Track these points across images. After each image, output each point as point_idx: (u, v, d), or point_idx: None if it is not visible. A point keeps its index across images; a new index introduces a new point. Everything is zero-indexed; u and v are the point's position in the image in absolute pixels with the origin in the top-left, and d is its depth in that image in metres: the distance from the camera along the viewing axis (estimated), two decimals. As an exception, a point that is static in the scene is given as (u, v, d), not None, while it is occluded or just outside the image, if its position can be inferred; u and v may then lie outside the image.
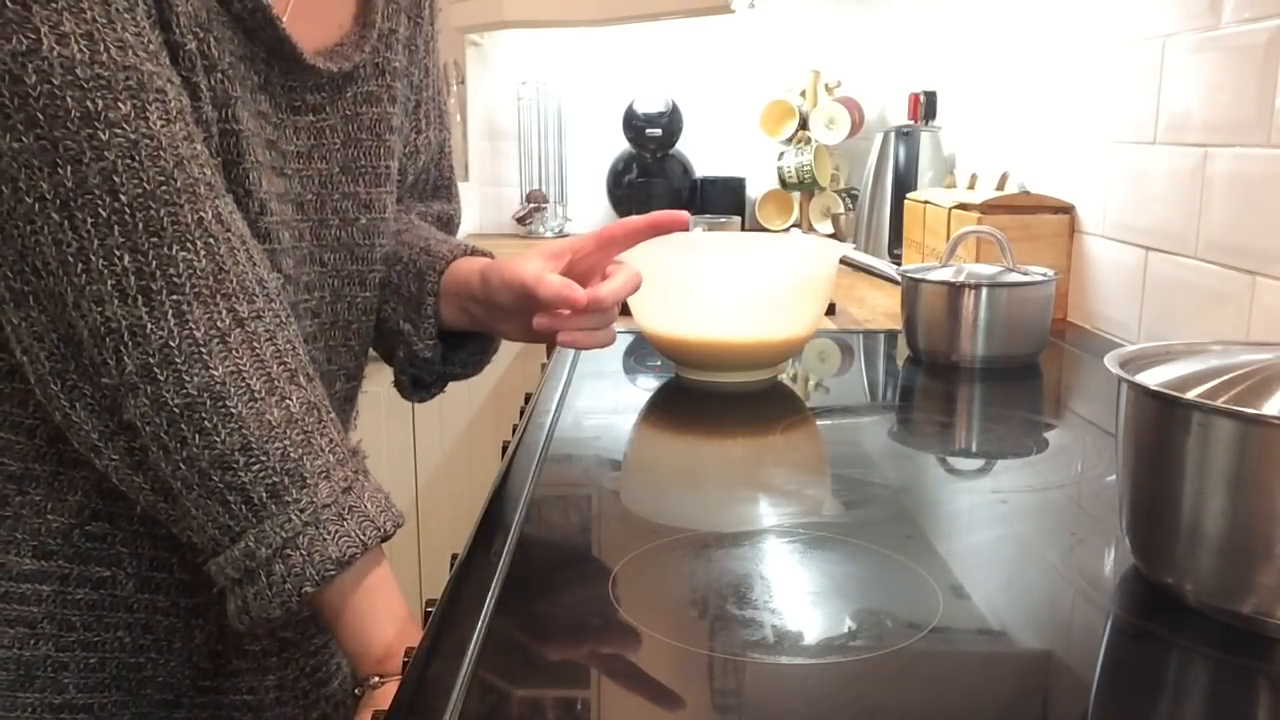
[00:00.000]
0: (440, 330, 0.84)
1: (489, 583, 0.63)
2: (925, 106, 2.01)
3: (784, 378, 1.14)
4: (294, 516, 0.62)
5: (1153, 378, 0.60)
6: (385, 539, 0.66)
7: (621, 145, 2.51)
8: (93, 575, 0.70)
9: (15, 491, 0.68)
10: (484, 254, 0.86)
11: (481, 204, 2.63)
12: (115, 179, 0.59)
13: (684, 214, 0.81)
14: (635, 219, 0.80)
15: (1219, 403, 0.56)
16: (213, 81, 0.66)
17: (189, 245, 0.61)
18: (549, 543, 0.71)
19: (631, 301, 1.12)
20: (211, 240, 0.62)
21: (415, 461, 2.06)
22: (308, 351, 0.76)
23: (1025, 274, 1.18)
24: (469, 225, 2.62)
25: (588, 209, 2.61)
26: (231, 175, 0.68)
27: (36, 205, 0.59)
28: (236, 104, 0.67)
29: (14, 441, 0.68)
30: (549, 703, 0.52)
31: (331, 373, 0.81)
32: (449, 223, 0.96)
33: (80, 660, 0.70)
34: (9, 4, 0.57)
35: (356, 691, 0.65)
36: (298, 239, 0.75)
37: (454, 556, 0.69)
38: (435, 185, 0.95)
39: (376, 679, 0.64)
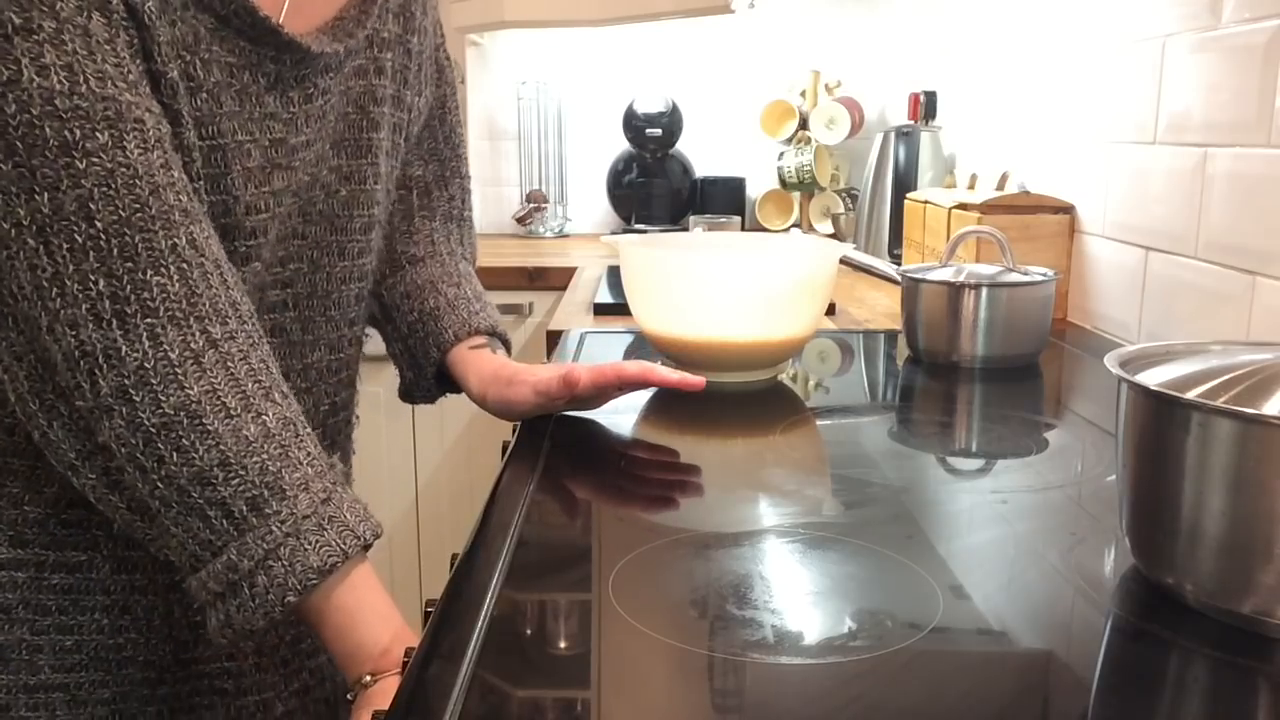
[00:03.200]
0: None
1: (489, 583, 0.63)
2: (925, 106, 2.01)
3: (784, 378, 1.14)
4: (275, 528, 0.63)
5: (1153, 378, 0.60)
6: (365, 548, 0.66)
7: (621, 145, 2.51)
8: (69, 560, 0.71)
9: None
10: (488, 331, 0.94)
11: (481, 204, 2.63)
12: (91, 206, 0.60)
13: (653, 374, 0.90)
14: (606, 372, 0.89)
15: (1219, 403, 0.56)
16: (197, 102, 0.66)
17: (163, 270, 0.62)
18: (549, 543, 0.71)
19: (631, 301, 1.12)
20: (185, 265, 0.63)
21: (415, 461, 2.06)
22: (272, 320, 0.77)
23: (1025, 274, 1.18)
24: (469, 225, 2.62)
25: (588, 209, 2.61)
26: (220, 187, 0.68)
27: (13, 231, 0.60)
28: (222, 119, 0.68)
29: None
30: (549, 703, 0.52)
31: (307, 342, 0.81)
32: (465, 202, 1.00)
33: (55, 642, 0.71)
34: None
35: (349, 696, 0.65)
36: (285, 219, 0.75)
37: (454, 556, 0.69)
38: (443, 152, 0.96)
39: (369, 677, 0.64)
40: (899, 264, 1.74)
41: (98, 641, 0.72)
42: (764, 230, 2.46)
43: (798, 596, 0.62)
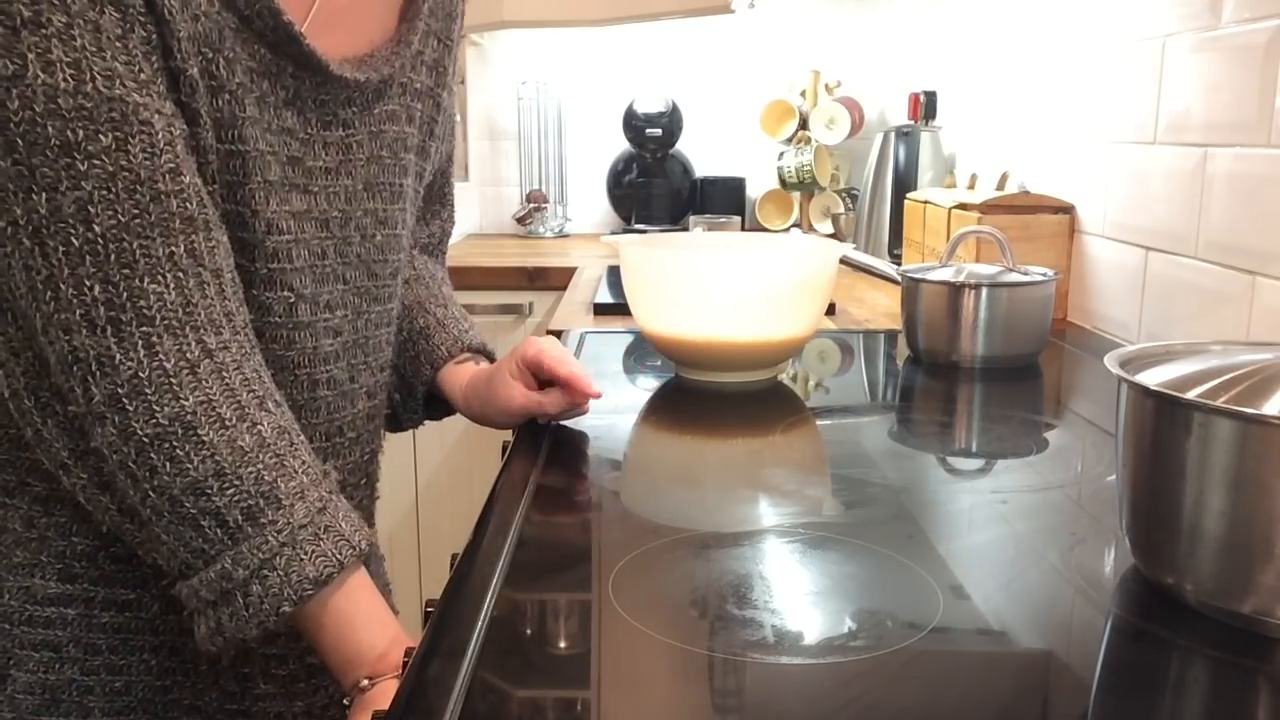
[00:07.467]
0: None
1: (489, 583, 0.63)
2: (925, 106, 2.01)
3: (784, 378, 1.14)
4: (271, 538, 0.62)
5: (1153, 378, 0.60)
6: (359, 556, 0.66)
7: (621, 145, 2.51)
8: (118, 598, 0.70)
9: (41, 513, 0.68)
10: (477, 349, 0.94)
11: (481, 204, 2.63)
12: (90, 209, 0.59)
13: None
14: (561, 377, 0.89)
15: (1219, 403, 0.55)
16: (218, 103, 0.65)
17: (159, 278, 0.61)
18: (549, 543, 0.71)
19: (631, 301, 1.12)
20: (181, 274, 0.62)
21: (415, 461, 2.06)
22: (327, 372, 0.76)
23: (1025, 274, 1.18)
24: (469, 225, 2.62)
25: (588, 209, 2.61)
26: (237, 196, 0.67)
27: (8, 230, 0.59)
28: (244, 124, 0.66)
29: (41, 463, 0.67)
30: (549, 703, 0.52)
31: (354, 391, 0.80)
32: (444, 239, 1.02)
33: (106, 684, 0.70)
34: None
35: (345, 702, 0.65)
36: (319, 256, 0.74)
37: (454, 556, 0.69)
38: (441, 192, 0.98)
39: (366, 681, 0.64)
40: (899, 264, 1.74)
41: (146, 683, 0.71)
42: (764, 230, 2.46)
43: (798, 596, 0.62)
